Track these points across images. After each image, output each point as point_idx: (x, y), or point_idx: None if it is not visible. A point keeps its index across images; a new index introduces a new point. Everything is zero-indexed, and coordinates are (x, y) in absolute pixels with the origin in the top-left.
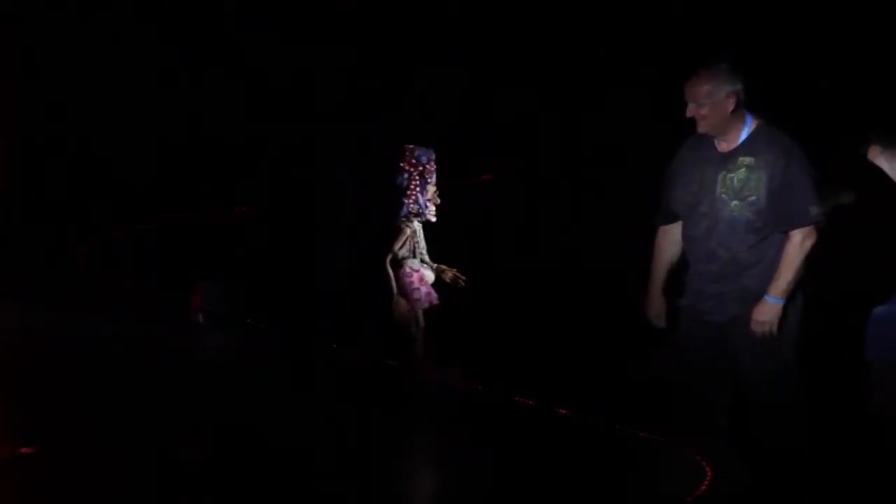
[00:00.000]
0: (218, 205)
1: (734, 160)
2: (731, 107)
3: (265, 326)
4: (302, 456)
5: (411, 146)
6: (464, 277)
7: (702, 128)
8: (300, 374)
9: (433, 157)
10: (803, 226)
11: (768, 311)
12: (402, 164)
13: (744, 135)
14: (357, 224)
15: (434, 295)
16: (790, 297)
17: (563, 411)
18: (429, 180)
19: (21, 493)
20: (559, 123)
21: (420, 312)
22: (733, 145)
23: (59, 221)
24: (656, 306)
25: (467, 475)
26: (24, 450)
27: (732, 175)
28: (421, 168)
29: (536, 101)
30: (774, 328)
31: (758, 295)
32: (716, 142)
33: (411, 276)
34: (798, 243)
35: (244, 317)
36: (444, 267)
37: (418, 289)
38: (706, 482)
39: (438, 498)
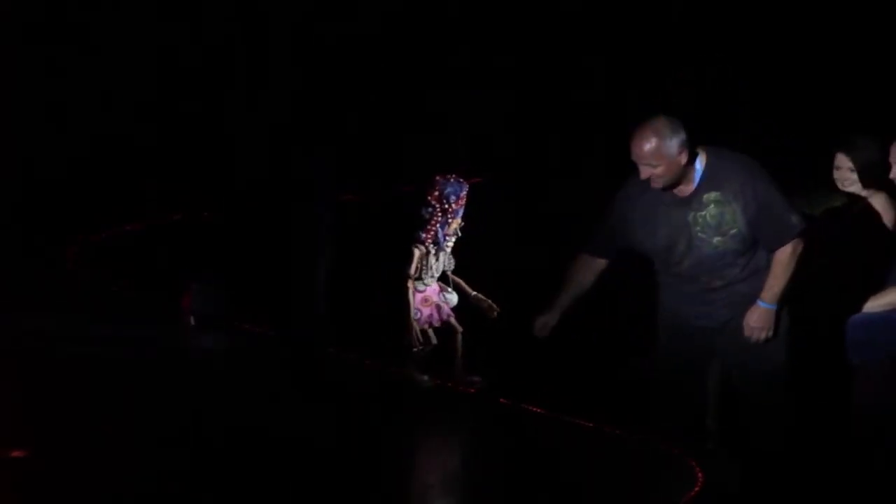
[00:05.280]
0: (203, 206)
1: (699, 200)
2: (684, 160)
3: (258, 328)
4: (298, 459)
5: (442, 179)
6: (497, 309)
7: (658, 184)
8: (294, 377)
9: (463, 193)
10: (791, 240)
11: (763, 316)
12: (428, 197)
13: (699, 174)
14: (337, 225)
15: (436, 317)
16: (782, 300)
17: (556, 415)
18: (452, 217)
19: (12, 497)
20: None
21: (430, 331)
22: (692, 187)
23: (48, 222)
24: (548, 320)
25: (457, 476)
26: (14, 453)
27: (703, 213)
28: (446, 206)
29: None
30: (770, 333)
31: (750, 298)
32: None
33: (413, 295)
34: (789, 252)
35: (236, 319)
36: (481, 297)
37: (419, 309)
38: (698, 486)
39: (431, 498)
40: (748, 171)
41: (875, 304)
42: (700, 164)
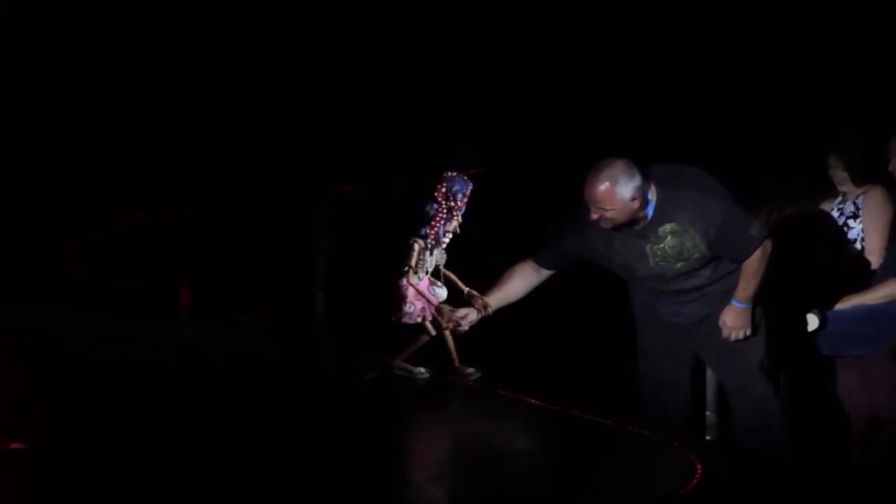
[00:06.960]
0: (203, 201)
1: (654, 232)
2: (637, 205)
3: (258, 325)
4: (297, 455)
5: (450, 175)
6: (491, 305)
7: (606, 225)
8: (293, 373)
9: (468, 191)
10: (755, 250)
11: (739, 315)
12: (435, 193)
13: (651, 209)
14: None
15: (429, 311)
16: (756, 299)
17: (553, 406)
18: (456, 214)
19: (10, 489)
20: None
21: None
22: (644, 222)
23: (48, 222)
24: (470, 316)
25: (454, 469)
26: (14, 445)
27: (661, 245)
28: (452, 203)
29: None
30: (749, 331)
31: (723, 296)
32: None
33: (406, 289)
34: (757, 258)
35: (236, 316)
36: (474, 293)
37: (412, 303)
38: (696, 478)
39: (428, 490)
40: (701, 196)
41: (872, 297)
42: (651, 198)
